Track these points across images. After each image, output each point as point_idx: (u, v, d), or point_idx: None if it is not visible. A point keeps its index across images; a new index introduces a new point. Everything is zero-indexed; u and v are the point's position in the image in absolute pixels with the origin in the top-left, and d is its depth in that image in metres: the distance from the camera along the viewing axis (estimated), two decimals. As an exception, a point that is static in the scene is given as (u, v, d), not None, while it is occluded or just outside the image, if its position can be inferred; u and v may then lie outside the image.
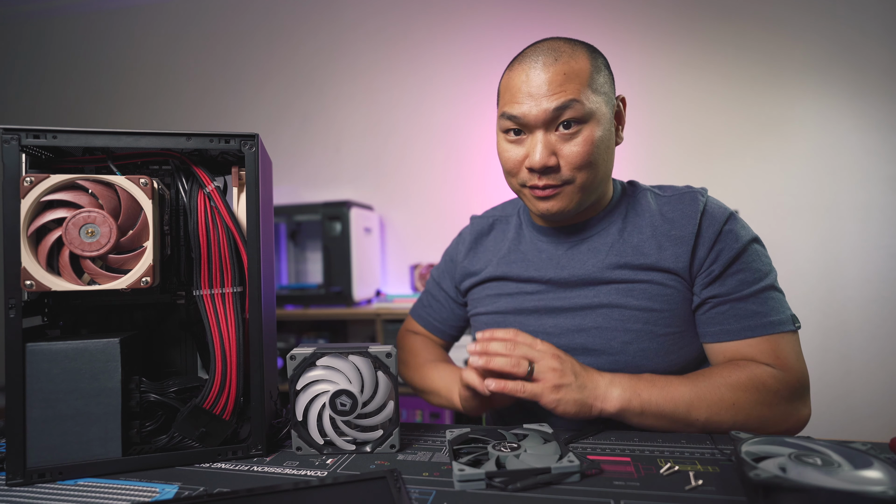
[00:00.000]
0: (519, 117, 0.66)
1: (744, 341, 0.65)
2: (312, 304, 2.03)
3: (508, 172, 0.71)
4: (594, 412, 0.60)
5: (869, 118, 1.88)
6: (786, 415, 0.63)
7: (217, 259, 0.56)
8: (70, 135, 0.52)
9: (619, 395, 0.60)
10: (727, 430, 0.61)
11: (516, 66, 0.68)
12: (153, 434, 0.56)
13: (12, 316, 0.51)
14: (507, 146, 0.70)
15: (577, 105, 0.64)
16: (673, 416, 0.61)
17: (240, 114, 2.45)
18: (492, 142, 2.18)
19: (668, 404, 0.61)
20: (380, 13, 2.31)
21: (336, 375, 0.56)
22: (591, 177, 0.68)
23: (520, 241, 0.81)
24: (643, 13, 2.07)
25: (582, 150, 0.65)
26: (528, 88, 0.65)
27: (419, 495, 0.46)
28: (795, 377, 0.63)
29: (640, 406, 0.60)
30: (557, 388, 0.59)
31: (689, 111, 2.03)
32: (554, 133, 0.66)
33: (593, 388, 0.60)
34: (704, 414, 0.60)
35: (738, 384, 0.61)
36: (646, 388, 0.61)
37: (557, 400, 0.58)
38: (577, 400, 0.59)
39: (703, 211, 0.69)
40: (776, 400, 0.62)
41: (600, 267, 0.71)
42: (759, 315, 0.65)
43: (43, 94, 2.66)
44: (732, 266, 0.67)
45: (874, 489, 0.36)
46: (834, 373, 1.91)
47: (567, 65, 0.65)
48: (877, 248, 1.88)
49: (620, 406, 0.60)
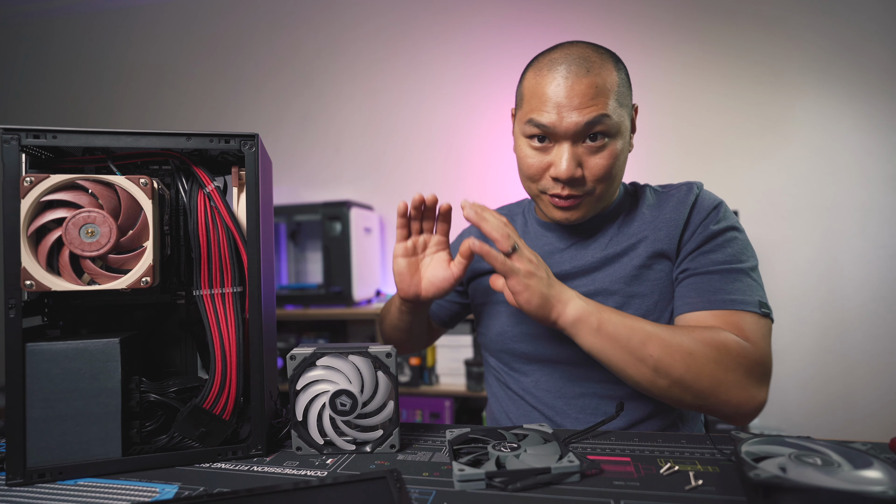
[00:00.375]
0: (549, 127, 0.66)
1: (706, 312, 0.65)
2: (312, 304, 2.03)
3: (529, 178, 0.71)
4: (553, 315, 0.61)
5: (869, 118, 1.88)
6: (740, 386, 0.60)
7: (217, 259, 0.56)
8: (70, 135, 0.52)
9: (580, 305, 0.61)
10: (677, 380, 0.59)
11: (545, 72, 0.67)
12: (153, 434, 0.56)
13: (12, 316, 0.51)
14: (530, 152, 0.70)
15: (607, 120, 0.65)
16: (627, 344, 0.60)
17: (240, 114, 2.45)
18: (492, 142, 2.18)
19: (624, 329, 0.60)
20: (380, 13, 2.31)
21: (336, 375, 0.56)
22: (608, 188, 0.69)
23: (525, 236, 0.83)
24: (643, 13, 2.07)
25: (606, 164, 0.67)
26: (558, 99, 0.65)
27: (419, 495, 0.46)
28: (759, 354, 0.61)
29: (597, 322, 0.60)
30: (530, 274, 0.60)
31: (689, 111, 2.03)
32: (581, 145, 0.66)
33: (560, 292, 0.62)
34: (658, 352, 0.59)
35: (701, 338, 0.60)
36: (608, 310, 0.62)
37: (526, 284, 0.60)
38: (543, 293, 0.60)
39: (694, 200, 0.71)
40: (734, 365, 0.60)
41: (599, 258, 0.73)
42: (722, 291, 0.65)
43: (43, 94, 2.66)
44: (705, 246, 0.68)
45: (874, 489, 0.36)
46: (834, 373, 1.91)
47: (599, 76, 0.65)
48: (877, 248, 1.88)
49: (578, 315, 0.60)
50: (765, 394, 0.62)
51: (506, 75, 2.16)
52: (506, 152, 2.14)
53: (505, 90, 2.15)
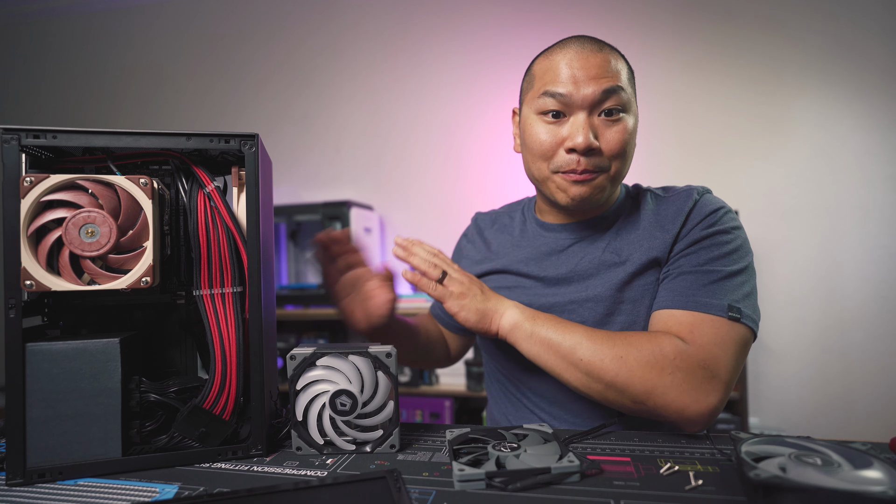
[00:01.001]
0: (566, 95, 0.65)
1: (668, 311, 0.63)
2: (312, 304, 2.03)
3: (542, 156, 0.69)
4: (493, 327, 0.65)
5: (869, 118, 1.88)
6: (679, 389, 0.58)
7: (217, 259, 0.56)
8: (70, 135, 0.52)
9: (514, 315, 0.64)
10: (609, 384, 0.59)
11: (557, 51, 0.68)
12: (153, 434, 0.56)
13: (12, 316, 0.51)
14: (543, 128, 0.68)
15: (622, 93, 0.66)
16: (558, 349, 0.61)
17: (240, 114, 2.45)
18: (492, 141, 2.18)
19: (556, 336, 0.62)
20: (380, 13, 2.31)
21: (336, 375, 0.56)
22: (621, 167, 0.69)
23: (523, 236, 0.82)
24: (643, 13, 2.07)
25: (621, 138, 0.66)
26: (573, 70, 0.65)
27: (419, 495, 0.46)
28: (702, 356, 0.59)
29: (530, 329, 0.63)
30: (462, 295, 0.65)
31: (689, 111, 2.03)
32: (597, 118, 0.66)
33: (496, 304, 0.66)
34: (587, 356, 0.60)
35: (634, 342, 0.60)
36: (543, 318, 0.64)
37: (461, 305, 0.64)
38: (479, 309, 0.65)
39: (692, 207, 0.70)
40: (669, 368, 0.58)
41: (596, 264, 0.72)
42: (690, 292, 0.63)
43: (43, 94, 2.66)
44: (690, 247, 0.67)
45: (874, 489, 0.36)
46: (834, 372, 1.91)
47: (611, 55, 0.67)
48: (876, 248, 1.88)
49: (513, 323, 0.64)
50: (714, 398, 0.58)
51: (505, 76, 2.16)
52: (506, 152, 2.14)
53: (505, 90, 2.15)
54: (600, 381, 0.60)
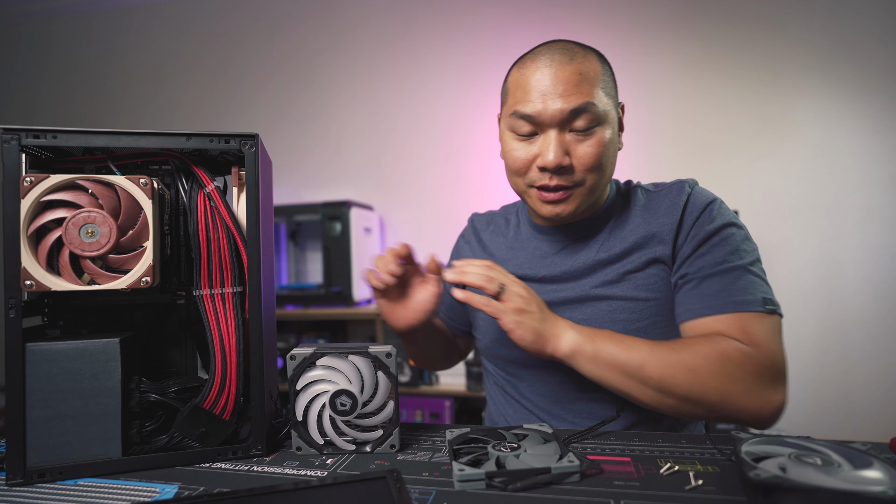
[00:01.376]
0: (534, 116, 0.65)
1: (710, 318, 0.63)
2: (312, 304, 2.03)
3: (515, 172, 0.70)
4: (548, 349, 0.61)
5: (869, 118, 1.88)
6: (751, 393, 0.59)
7: (217, 259, 0.56)
8: (70, 135, 0.52)
9: (573, 337, 0.61)
10: (683, 397, 0.59)
11: (528, 64, 0.67)
12: (153, 434, 0.56)
13: (12, 316, 0.51)
14: (516, 145, 0.69)
15: (593, 108, 0.64)
16: (626, 368, 0.59)
17: (240, 114, 2.45)
18: (492, 141, 2.17)
19: (621, 354, 0.60)
20: (380, 13, 2.31)
21: (336, 375, 0.56)
22: (599, 179, 0.68)
23: (517, 239, 0.81)
24: (643, 13, 2.07)
25: (595, 152, 0.65)
26: (542, 87, 0.64)
27: (419, 495, 0.46)
28: (766, 356, 0.60)
29: (593, 351, 0.60)
30: (521, 311, 0.60)
31: (689, 111, 2.03)
32: (568, 133, 0.65)
33: (553, 325, 0.62)
34: (658, 372, 0.58)
35: (700, 351, 0.59)
36: (602, 337, 0.61)
37: (518, 322, 0.60)
38: (536, 329, 0.60)
39: (686, 200, 0.69)
40: (740, 374, 0.58)
41: (590, 263, 0.72)
42: (724, 294, 0.63)
43: (43, 94, 2.66)
44: (702, 247, 0.66)
45: (874, 489, 0.36)
46: (834, 372, 1.91)
47: (582, 65, 0.65)
48: (876, 248, 1.88)
49: (573, 347, 0.61)
50: (781, 395, 0.60)
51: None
52: (506, 152, 2.14)
53: (505, 90, 2.16)
54: (673, 396, 0.59)
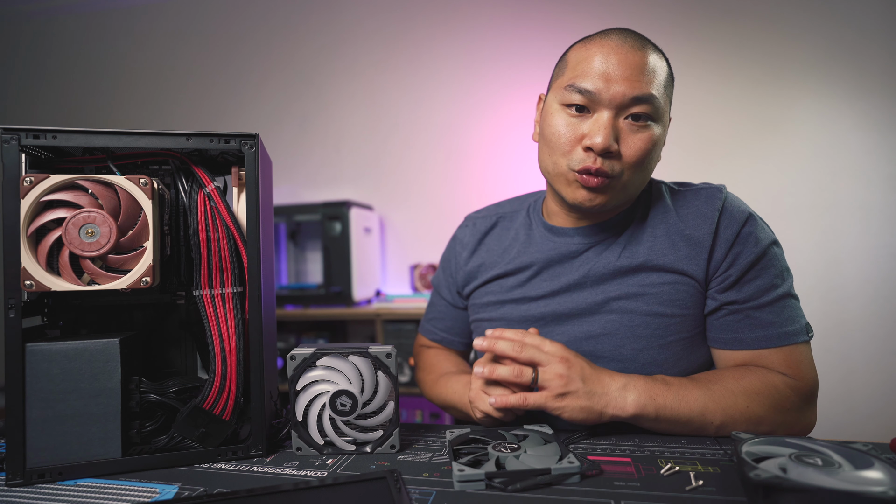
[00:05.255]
0: (592, 93, 0.62)
1: (757, 351, 0.64)
2: (312, 304, 2.03)
3: (558, 149, 0.65)
4: (605, 418, 0.58)
5: (869, 118, 1.88)
6: (796, 421, 0.63)
7: (217, 259, 0.56)
8: (70, 135, 0.52)
9: (634, 401, 0.58)
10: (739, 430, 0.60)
11: (597, 40, 0.64)
12: (153, 434, 0.56)
13: (12, 316, 0.51)
14: (564, 120, 0.65)
15: (654, 100, 0.62)
16: (688, 421, 0.59)
17: (240, 114, 2.45)
18: (492, 142, 2.17)
19: (683, 409, 0.59)
20: (380, 13, 2.31)
21: (336, 376, 0.56)
22: (638, 179, 0.66)
23: (530, 241, 0.77)
24: (643, 13, 2.07)
25: (644, 147, 0.63)
26: (608, 67, 0.61)
27: (419, 496, 0.46)
28: (807, 386, 0.63)
29: (655, 411, 0.58)
30: (562, 396, 0.57)
31: (689, 111, 2.03)
32: (622, 120, 0.63)
33: (603, 394, 0.58)
34: (719, 419, 0.59)
35: (752, 389, 0.60)
36: (661, 393, 0.59)
37: (562, 407, 0.57)
38: (584, 407, 0.57)
39: (721, 210, 0.66)
40: (788, 406, 0.61)
41: (611, 269, 0.69)
42: (775, 325, 0.63)
43: (43, 94, 2.66)
44: (750, 272, 0.64)
45: (875, 489, 0.36)
46: (834, 373, 1.91)
47: (653, 57, 0.63)
48: (877, 248, 1.88)
49: (636, 412, 0.58)
50: (815, 415, 0.65)
51: (506, 76, 2.16)
52: (506, 152, 2.14)
53: (505, 91, 2.15)
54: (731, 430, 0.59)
